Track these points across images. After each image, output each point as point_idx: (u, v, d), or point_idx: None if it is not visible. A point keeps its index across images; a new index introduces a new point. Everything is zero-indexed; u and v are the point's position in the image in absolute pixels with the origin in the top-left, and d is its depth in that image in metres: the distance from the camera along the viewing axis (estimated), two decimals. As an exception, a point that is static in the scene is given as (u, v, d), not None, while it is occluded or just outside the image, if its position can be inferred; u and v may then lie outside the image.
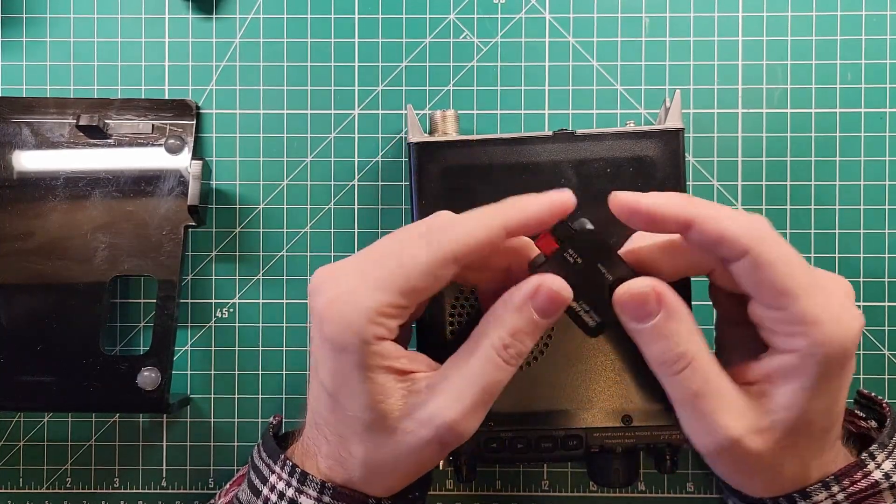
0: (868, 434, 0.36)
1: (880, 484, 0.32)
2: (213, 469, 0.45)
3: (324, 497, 0.32)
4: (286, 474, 0.33)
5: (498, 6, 0.46)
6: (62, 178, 0.44)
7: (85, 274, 0.43)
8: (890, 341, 0.44)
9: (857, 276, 0.44)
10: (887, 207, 0.44)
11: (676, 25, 0.45)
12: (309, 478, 0.32)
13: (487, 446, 0.37)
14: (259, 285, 0.45)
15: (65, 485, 0.45)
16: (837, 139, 0.45)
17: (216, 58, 0.46)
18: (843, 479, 0.32)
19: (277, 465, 0.33)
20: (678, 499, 0.45)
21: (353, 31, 0.46)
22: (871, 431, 0.36)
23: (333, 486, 0.32)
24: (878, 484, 0.32)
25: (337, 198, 0.45)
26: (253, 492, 0.33)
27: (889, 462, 0.33)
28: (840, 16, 0.45)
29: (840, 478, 0.32)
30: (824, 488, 0.32)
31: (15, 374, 0.43)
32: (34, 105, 0.45)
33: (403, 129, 0.45)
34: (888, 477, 0.32)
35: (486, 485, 0.45)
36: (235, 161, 0.46)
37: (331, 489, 0.32)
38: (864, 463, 0.32)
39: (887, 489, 0.32)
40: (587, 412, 0.37)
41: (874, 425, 0.36)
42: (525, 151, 0.37)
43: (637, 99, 0.45)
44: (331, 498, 0.32)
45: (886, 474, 0.32)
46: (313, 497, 0.32)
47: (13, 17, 0.46)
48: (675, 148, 0.37)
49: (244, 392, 0.45)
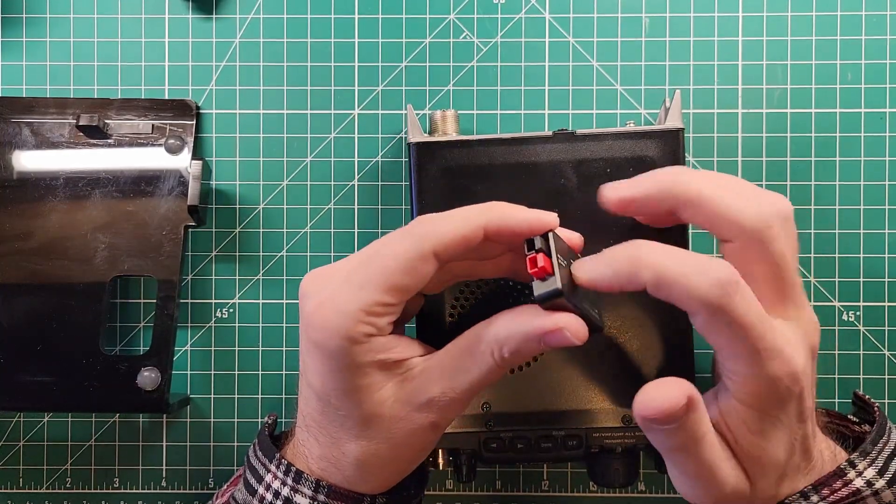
0: (863, 438, 0.36)
1: (862, 492, 0.32)
2: (212, 469, 0.45)
3: (318, 496, 0.32)
4: (282, 473, 0.33)
5: (498, 6, 0.46)
6: (62, 178, 0.44)
7: (85, 274, 0.43)
8: (890, 341, 0.44)
9: (857, 277, 0.44)
10: (887, 207, 0.44)
11: (676, 25, 0.45)
12: (304, 476, 0.32)
13: (487, 446, 0.37)
14: (259, 285, 0.45)
15: (65, 485, 0.45)
16: (837, 139, 0.45)
17: (216, 58, 0.46)
18: (822, 489, 0.32)
19: (273, 465, 0.33)
20: (678, 499, 0.44)
21: (353, 31, 0.46)
22: (865, 435, 0.36)
23: (328, 485, 0.32)
24: (860, 492, 0.32)
25: (337, 198, 0.45)
26: (249, 491, 0.33)
27: (871, 469, 0.32)
28: (840, 16, 0.45)
29: (819, 487, 0.32)
30: (803, 498, 0.32)
31: (15, 374, 0.43)
32: (34, 105, 0.45)
33: (403, 129, 0.45)
34: (870, 484, 0.32)
35: (486, 485, 0.45)
36: (235, 161, 0.46)
37: (325, 488, 0.32)
38: (843, 472, 0.32)
39: (870, 496, 0.32)
40: (587, 412, 0.37)
41: (868, 429, 0.36)
42: (525, 151, 0.37)
43: (637, 99, 0.45)
44: (325, 497, 0.32)
45: (868, 482, 0.32)
46: (308, 496, 0.32)
47: (13, 17, 0.46)
48: (675, 148, 0.37)
49: (244, 392, 0.45)
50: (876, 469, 0.33)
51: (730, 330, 0.28)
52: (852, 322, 0.44)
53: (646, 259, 0.29)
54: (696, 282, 0.28)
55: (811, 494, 0.32)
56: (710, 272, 0.28)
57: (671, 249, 0.29)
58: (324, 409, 0.31)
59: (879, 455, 0.33)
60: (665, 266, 0.28)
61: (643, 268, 0.29)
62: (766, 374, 0.29)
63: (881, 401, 0.44)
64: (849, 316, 0.44)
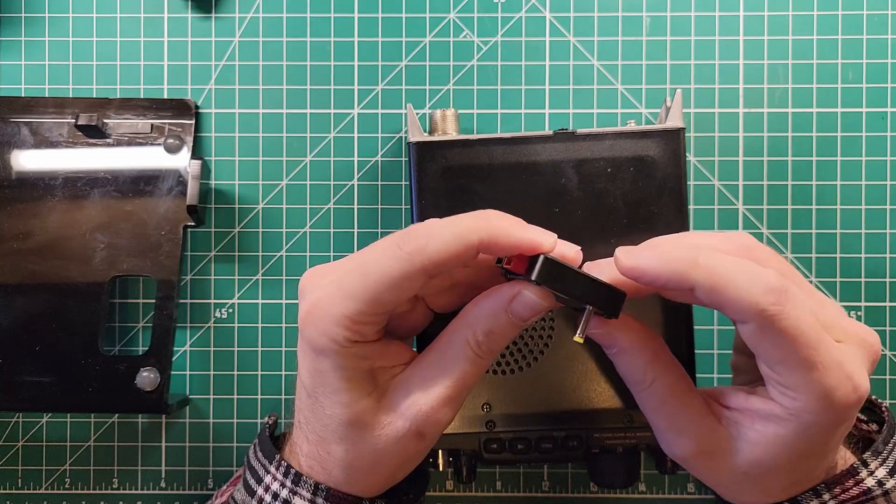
0: (870, 436, 0.36)
1: (873, 491, 0.32)
2: (212, 470, 0.45)
3: (317, 499, 0.32)
4: (281, 475, 0.33)
5: (498, 5, 0.45)
6: (61, 177, 0.44)
7: (84, 274, 0.43)
8: (890, 341, 0.44)
9: (857, 277, 0.44)
10: (888, 207, 0.44)
11: (677, 25, 0.45)
12: (303, 479, 0.32)
13: (488, 447, 0.37)
14: (258, 285, 0.45)
15: (64, 485, 0.45)
16: (839, 139, 0.45)
17: (215, 57, 0.46)
18: (833, 487, 0.32)
19: (273, 466, 0.33)
20: (678, 499, 0.45)
21: (353, 31, 0.46)
22: (872, 434, 0.36)
23: (327, 487, 0.32)
24: (871, 491, 0.32)
25: (336, 198, 0.45)
26: (248, 492, 0.33)
27: (883, 469, 0.32)
28: (841, 15, 0.45)
29: (831, 485, 0.32)
30: (815, 496, 0.32)
31: (14, 374, 0.43)
32: (33, 104, 0.45)
33: (403, 129, 0.45)
34: (881, 484, 0.32)
35: (487, 486, 0.45)
36: (234, 161, 0.46)
37: (324, 491, 0.32)
38: (856, 471, 0.32)
39: (880, 496, 0.32)
40: (587, 413, 0.37)
41: (875, 428, 0.36)
42: (525, 151, 0.37)
43: (638, 98, 0.45)
44: (324, 500, 0.32)
45: (879, 481, 0.32)
46: (307, 499, 0.32)
47: (12, 17, 0.46)
48: (676, 147, 0.37)
49: (243, 392, 0.45)
50: (887, 469, 0.33)
51: (782, 340, 0.28)
52: (853, 322, 0.44)
53: (704, 261, 0.28)
54: (749, 288, 0.27)
55: (823, 493, 0.32)
56: (762, 278, 0.28)
57: (723, 255, 0.29)
58: (312, 405, 0.32)
59: (890, 455, 0.33)
60: (722, 271, 0.28)
61: (698, 270, 0.28)
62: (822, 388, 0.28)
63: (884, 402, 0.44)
64: (850, 316, 0.44)
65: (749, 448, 0.31)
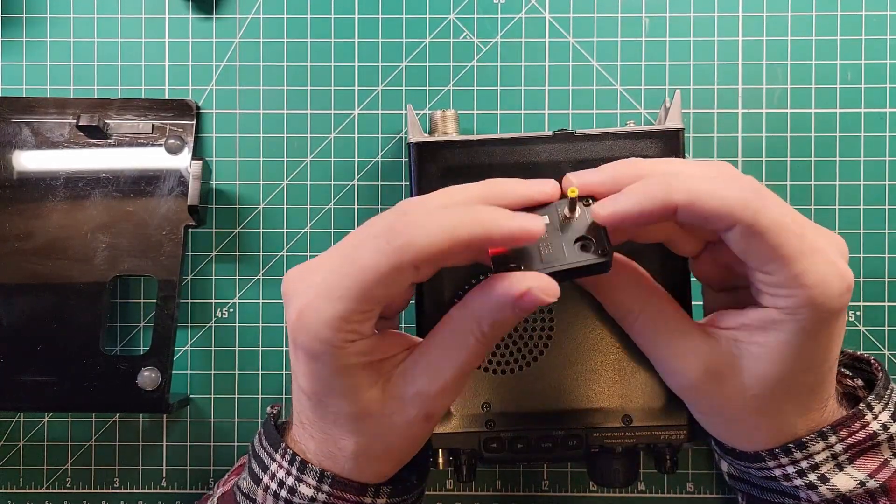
0: (854, 393, 0.36)
1: (878, 435, 0.32)
2: (213, 469, 0.45)
3: (323, 486, 0.32)
4: (286, 463, 0.33)
5: (498, 6, 0.46)
6: (62, 178, 0.44)
7: (85, 274, 0.43)
8: (890, 341, 0.44)
9: (857, 277, 0.44)
10: (887, 207, 0.44)
11: (676, 25, 0.45)
12: (308, 466, 0.32)
13: (487, 446, 0.37)
14: (259, 285, 0.45)
15: (65, 485, 0.45)
16: (837, 139, 0.45)
17: (216, 58, 0.46)
18: (840, 430, 0.32)
19: (278, 454, 0.33)
20: (678, 499, 0.45)
21: (353, 31, 0.46)
22: (857, 390, 0.36)
23: (332, 474, 0.32)
24: (876, 435, 0.32)
25: (337, 198, 0.45)
26: (253, 480, 0.34)
27: (885, 413, 0.32)
28: (840, 16, 0.45)
29: (837, 428, 0.32)
30: (821, 438, 0.32)
31: (15, 374, 0.43)
32: (34, 105, 0.45)
33: (403, 129, 0.45)
34: (886, 428, 0.32)
35: (486, 485, 0.45)
36: (235, 161, 0.46)
37: (329, 478, 0.32)
38: (861, 413, 0.32)
39: (885, 441, 0.32)
40: (587, 412, 0.37)
41: (860, 384, 0.36)
42: (525, 151, 0.37)
43: (637, 99, 0.45)
44: (330, 487, 0.32)
45: (884, 425, 0.32)
46: (312, 486, 0.32)
47: (13, 17, 0.46)
48: (676, 148, 0.37)
49: (244, 392, 0.45)
50: (889, 413, 0.33)
51: (770, 233, 0.28)
52: (852, 322, 0.44)
53: (677, 183, 0.29)
54: (728, 190, 0.28)
55: (830, 435, 0.32)
56: (738, 181, 0.29)
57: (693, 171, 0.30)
58: (315, 407, 0.32)
59: (890, 400, 0.33)
60: (699, 184, 0.28)
61: (675, 192, 0.28)
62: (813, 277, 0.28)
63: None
64: (849, 316, 0.44)
65: (754, 364, 0.31)
